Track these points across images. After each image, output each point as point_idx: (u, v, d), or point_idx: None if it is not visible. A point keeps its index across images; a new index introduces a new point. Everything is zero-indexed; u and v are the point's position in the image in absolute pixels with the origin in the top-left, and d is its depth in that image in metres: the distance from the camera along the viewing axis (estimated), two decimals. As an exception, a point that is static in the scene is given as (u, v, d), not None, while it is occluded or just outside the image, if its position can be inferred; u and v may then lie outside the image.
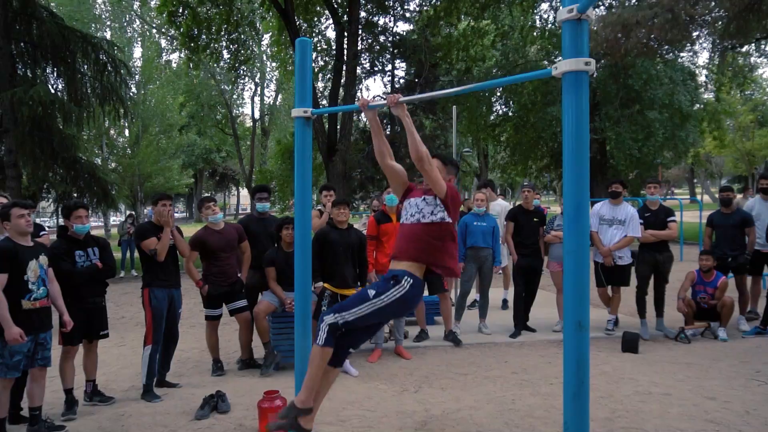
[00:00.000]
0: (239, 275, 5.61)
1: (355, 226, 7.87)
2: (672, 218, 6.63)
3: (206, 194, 44.44)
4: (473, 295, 8.15)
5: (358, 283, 5.54)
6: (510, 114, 20.74)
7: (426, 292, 6.74)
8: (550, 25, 18.22)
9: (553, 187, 22.83)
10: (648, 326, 6.67)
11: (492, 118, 22.69)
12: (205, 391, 4.91)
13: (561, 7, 2.37)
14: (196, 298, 7.63)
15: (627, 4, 13.77)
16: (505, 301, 8.55)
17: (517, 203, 7.51)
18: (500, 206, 8.33)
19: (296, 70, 3.47)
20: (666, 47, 13.20)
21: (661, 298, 6.73)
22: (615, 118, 16.25)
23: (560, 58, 2.45)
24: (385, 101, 3.00)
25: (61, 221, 4.72)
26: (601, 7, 17.66)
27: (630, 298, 7.16)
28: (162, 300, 4.91)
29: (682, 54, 17.34)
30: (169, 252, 4.96)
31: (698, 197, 31.72)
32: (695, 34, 12.41)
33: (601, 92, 17.19)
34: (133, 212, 21.05)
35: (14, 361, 3.84)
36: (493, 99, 21.64)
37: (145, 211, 27.25)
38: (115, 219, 34.86)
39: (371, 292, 2.94)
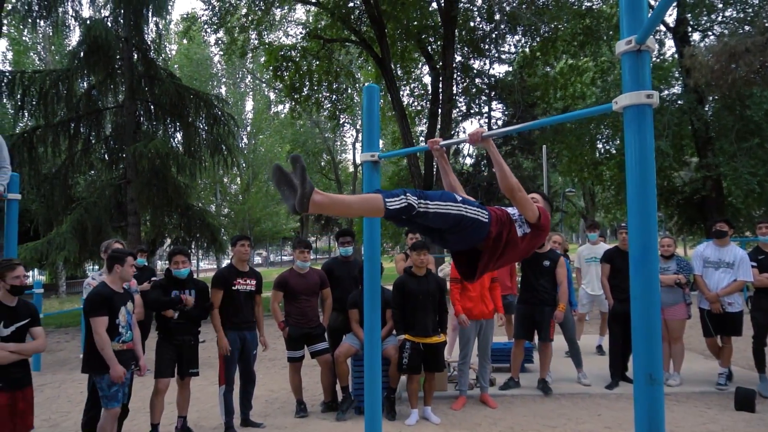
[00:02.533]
0: (321, 320, 5.72)
1: (440, 268, 7.82)
2: (791, 260, 5.97)
3: (310, 238, 46.00)
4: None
5: (439, 330, 5.43)
6: (613, 151, 19.84)
7: (536, 339, 6.49)
8: (654, 59, 17.47)
9: (669, 227, 21.33)
10: (768, 381, 5.97)
11: (596, 155, 21.86)
12: (285, 432, 4.98)
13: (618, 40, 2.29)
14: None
15: (740, 31, 12.93)
16: (599, 347, 8.07)
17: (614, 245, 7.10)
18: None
19: (364, 116, 3.55)
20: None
21: (783, 349, 6.01)
22: (731, 152, 15.06)
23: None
24: (467, 139, 2.90)
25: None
26: (711, 37, 16.74)
27: (747, 348, 6.47)
28: (233, 342, 5.09)
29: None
30: (245, 296, 5.20)
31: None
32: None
33: (716, 126, 16.07)
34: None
35: (112, 392, 4.13)
36: (598, 137, 20.89)
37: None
38: (227, 261, 36.90)
39: (459, 197, 2.61)
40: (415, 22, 16.45)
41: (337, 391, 5.76)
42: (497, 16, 16.57)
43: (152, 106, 14.40)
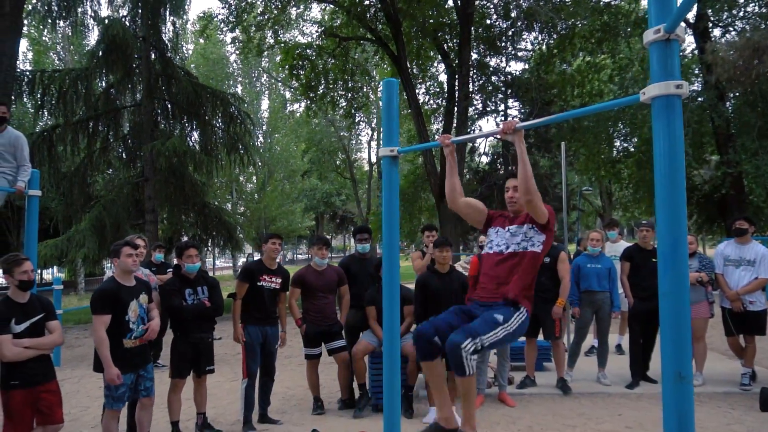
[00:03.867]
0: (338, 317, 5.70)
1: (457, 266, 7.76)
2: (817, 259, 5.83)
3: (326, 236, 46.12)
4: (590, 340, 7.68)
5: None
6: (631, 149, 19.59)
7: (540, 337, 6.43)
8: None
9: (689, 226, 21.11)
10: (794, 382, 5.85)
11: (614, 154, 21.61)
12: (302, 429, 4.97)
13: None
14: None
15: (762, 26, 12.70)
16: (619, 347, 7.96)
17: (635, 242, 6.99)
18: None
19: (383, 111, 3.51)
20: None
21: (810, 350, 5.89)
22: (753, 149, 14.78)
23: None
24: (499, 130, 2.86)
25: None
26: (732, 32, 16.47)
27: (771, 349, 6.35)
28: (255, 336, 5.11)
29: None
30: (269, 293, 5.20)
31: None
32: None
33: (737, 123, 15.80)
34: (256, 253, 22.24)
35: (119, 394, 4.06)
36: (615, 134, 20.64)
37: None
38: (244, 260, 37.08)
39: (498, 317, 2.86)
40: (431, 20, 16.36)
41: (354, 388, 5.74)
42: (514, 13, 16.45)
43: (169, 105, 14.49)
